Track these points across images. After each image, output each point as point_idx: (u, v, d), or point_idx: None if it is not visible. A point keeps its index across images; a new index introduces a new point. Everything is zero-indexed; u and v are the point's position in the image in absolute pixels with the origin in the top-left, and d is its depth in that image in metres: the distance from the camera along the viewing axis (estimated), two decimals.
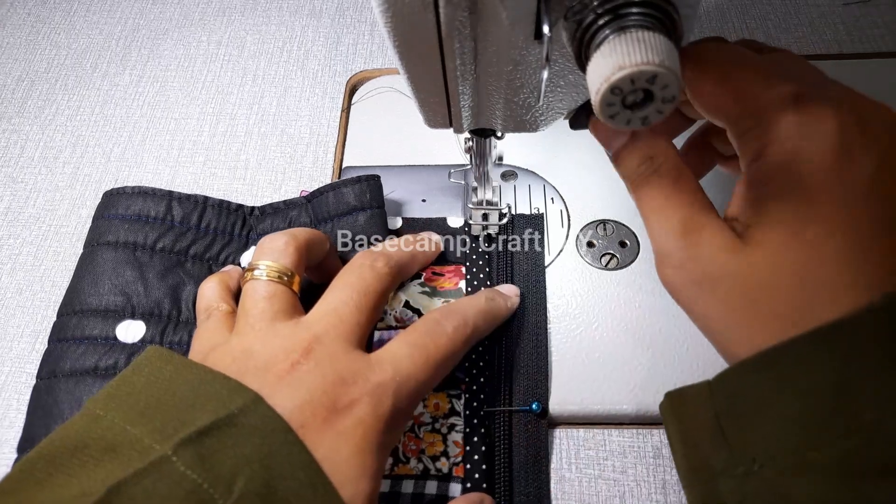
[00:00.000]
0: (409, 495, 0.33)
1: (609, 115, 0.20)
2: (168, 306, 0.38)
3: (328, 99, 0.51)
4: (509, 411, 0.35)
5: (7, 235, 0.46)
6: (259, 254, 0.32)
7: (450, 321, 0.31)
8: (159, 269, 0.39)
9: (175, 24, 0.57)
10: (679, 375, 0.36)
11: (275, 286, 0.31)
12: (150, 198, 0.41)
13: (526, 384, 0.36)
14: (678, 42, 0.20)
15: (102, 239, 0.40)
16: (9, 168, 0.49)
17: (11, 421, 0.38)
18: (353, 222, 0.40)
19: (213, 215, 0.41)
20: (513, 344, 0.37)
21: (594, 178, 0.43)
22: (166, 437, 0.23)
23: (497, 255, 0.40)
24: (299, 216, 0.41)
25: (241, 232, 0.42)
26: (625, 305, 0.38)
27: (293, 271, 0.32)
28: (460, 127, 0.32)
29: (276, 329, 0.29)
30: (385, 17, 0.23)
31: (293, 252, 0.32)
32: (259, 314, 0.30)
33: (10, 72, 0.55)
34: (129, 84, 0.53)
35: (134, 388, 0.25)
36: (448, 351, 0.30)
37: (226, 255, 0.41)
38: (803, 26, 0.52)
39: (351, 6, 0.57)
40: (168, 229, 0.40)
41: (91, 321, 0.37)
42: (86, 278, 0.39)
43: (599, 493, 0.34)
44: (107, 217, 0.41)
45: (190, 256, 0.40)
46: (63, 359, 0.36)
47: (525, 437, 0.35)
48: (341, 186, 0.40)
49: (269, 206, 0.42)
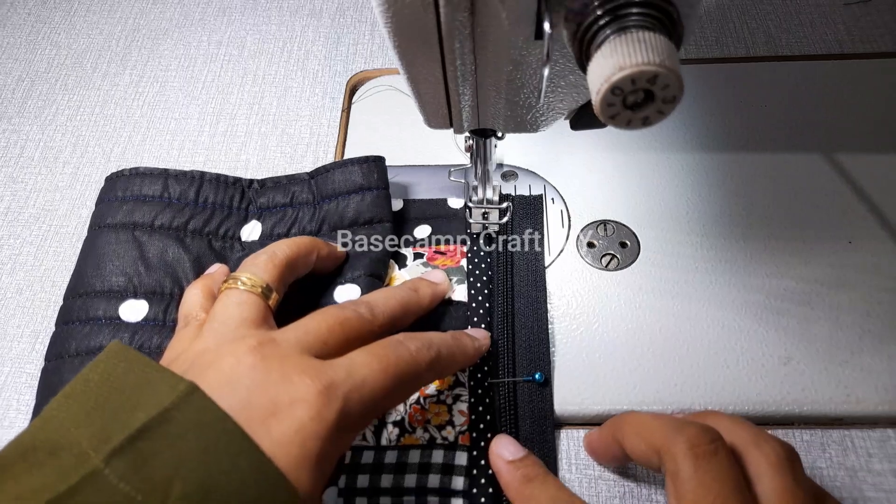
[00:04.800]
0: (416, 465, 0.33)
1: (610, 116, 0.20)
2: (169, 285, 0.38)
3: (328, 99, 0.51)
4: (513, 382, 0.35)
5: (7, 235, 0.46)
6: (240, 269, 0.33)
7: (412, 342, 0.30)
8: (159, 248, 0.39)
9: (175, 24, 0.57)
10: (679, 375, 0.36)
11: (248, 295, 0.31)
12: (146, 178, 0.41)
13: (529, 357, 0.36)
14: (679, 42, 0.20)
15: (103, 222, 0.40)
16: (9, 168, 0.49)
17: (11, 421, 0.38)
18: (359, 202, 0.40)
19: (211, 189, 0.41)
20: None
21: (595, 178, 0.43)
22: (103, 442, 0.22)
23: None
24: (301, 192, 0.41)
25: (239, 205, 0.42)
26: (625, 306, 0.38)
27: (271, 287, 0.32)
28: (460, 127, 0.32)
29: (237, 331, 0.29)
30: (385, 17, 0.23)
31: (272, 269, 0.32)
32: (226, 318, 0.29)
33: (10, 72, 0.54)
34: (129, 84, 0.53)
35: (88, 385, 0.25)
36: (408, 366, 0.28)
37: (225, 228, 0.41)
38: (804, 26, 0.52)
39: (351, 6, 0.57)
40: (165, 206, 0.40)
41: (95, 303, 0.38)
42: (88, 262, 0.39)
43: (600, 494, 0.34)
44: (107, 200, 0.41)
45: (189, 232, 0.40)
46: (69, 340, 0.37)
47: (530, 407, 0.35)
48: (347, 165, 0.40)
49: (270, 179, 0.42)
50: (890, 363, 0.35)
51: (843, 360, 0.36)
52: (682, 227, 0.41)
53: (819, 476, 0.33)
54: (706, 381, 0.35)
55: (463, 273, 0.39)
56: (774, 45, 0.51)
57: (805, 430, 0.35)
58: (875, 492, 0.33)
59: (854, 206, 0.41)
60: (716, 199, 0.42)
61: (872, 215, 0.41)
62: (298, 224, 0.41)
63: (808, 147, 0.44)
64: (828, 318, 0.37)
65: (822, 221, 0.41)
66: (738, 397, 0.35)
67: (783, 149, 0.44)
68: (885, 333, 0.36)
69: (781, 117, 0.45)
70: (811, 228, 0.40)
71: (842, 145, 0.44)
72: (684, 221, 0.41)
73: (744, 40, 0.51)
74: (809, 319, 0.37)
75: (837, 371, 0.35)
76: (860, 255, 0.39)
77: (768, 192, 0.42)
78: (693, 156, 0.44)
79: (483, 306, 0.37)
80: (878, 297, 0.37)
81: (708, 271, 0.39)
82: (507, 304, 0.38)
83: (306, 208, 0.41)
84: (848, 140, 0.44)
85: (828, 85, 0.47)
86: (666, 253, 0.40)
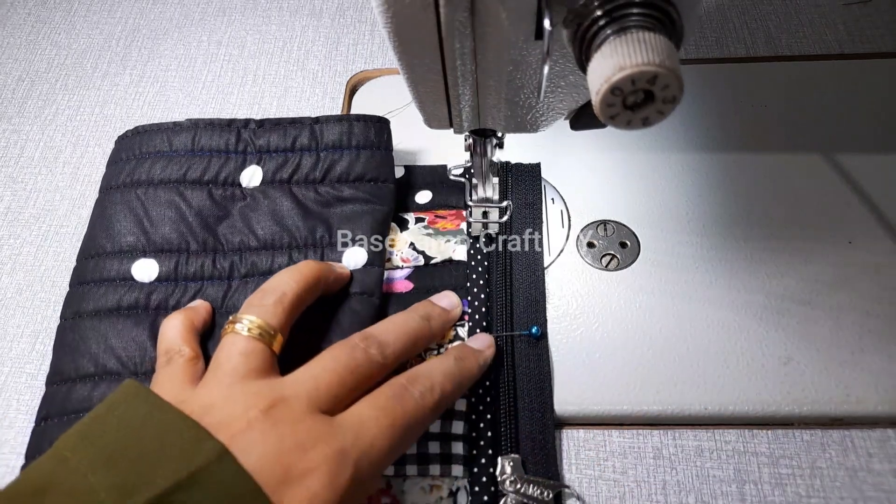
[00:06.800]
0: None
1: (609, 116, 0.20)
2: (176, 239, 0.39)
3: (328, 99, 0.51)
4: (510, 336, 0.37)
5: (7, 235, 0.46)
6: (246, 307, 0.32)
7: (416, 386, 0.29)
8: (162, 203, 0.39)
9: (175, 24, 0.57)
10: (679, 375, 0.36)
11: (254, 343, 0.30)
12: (144, 135, 0.42)
13: (526, 312, 0.38)
14: (678, 42, 0.20)
15: (109, 184, 0.41)
16: (9, 168, 0.49)
17: (11, 421, 0.38)
18: (368, 157, 0.40)
19: (205, 135, 0.41)
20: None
21: (595, 178, 0.43)
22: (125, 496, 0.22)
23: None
24: (302, 136, 0.41)
25: (236, 148, 0.41)
26: (625, 306, 0.38)
27: (276, 330, 0.31)
28: (460, 127, 0.32)
29: (244, 386, 0.28)
30: (385, 17, 0.23)
31: (280, 313, 0.31)
32: (231, 370, 0.28)
33: (10, 72, 0.54)
34: (129, 84, 0.53)
35: (105, 428, 0.24)
36: (415, 416, 0.28)
37: (224, 174, 0.41)
38: (804, 26, 0.52)
39: (351, 6, 0.57)
40: (164, 160, 0.41)
41: (108, 263, 0.38)
42: (98, 224, 0.40)
43: (600, 494, 0.34)
44: (113, 163, 0.42)
45: (188, 183, 0.40)
46: (85, 300, 0.37)
47: (527, 362, 0.36)
48: (356, 119, 0.41)
49: (269, 120, 0.42)
50: (890, 363, 0.35)
51: (843, 360, 0.36)
52: (682, 227, 0.41)
53: (819, 476, 0.33)
54: (706, 381, 0.35)
55: (463, 234, 0.40)
56: (774, 46, 0.51)
57: (805, 430, 0.35)
58: (875, 492, 0.33)
59: (854, 206, 0.41)
60: (716, 199, 0.42)
61: (872, 215, 0.41)
62: (301, 171, 0.40)
63: (808, 147, 0.44)
64: (828, 318, 0.37)
65: (822, 221, 0.41)
66: (738, 397, 0.35)
67: (783, 149, 0.44)
68: (885, 333, 0.36)
69: (781, 117, 0.45)
70: (811, 228, 0.40)
71: (842, 145, 0.44)
72: (684, 221, 0.41)
73: (744, 40, 0.51)
74: (809, 319, 0.37)
75: (837, 371, 0.35)
76: (860, 255, 0.39)
77: (768, 192, 0.42)
78: (693, 156, 0.44)
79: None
80: (879, 297, 0.37)
81: (708, 271, 0.39)
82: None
83: (308, 155, 0.41)
84: (848, 140, 0.44)
85: (828, 85, 0.47)
86: (666, 253, 0.40)
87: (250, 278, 0.38)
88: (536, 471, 0.33)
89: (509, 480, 0.33)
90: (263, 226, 0.39)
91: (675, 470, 0.34)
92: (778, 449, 0.34)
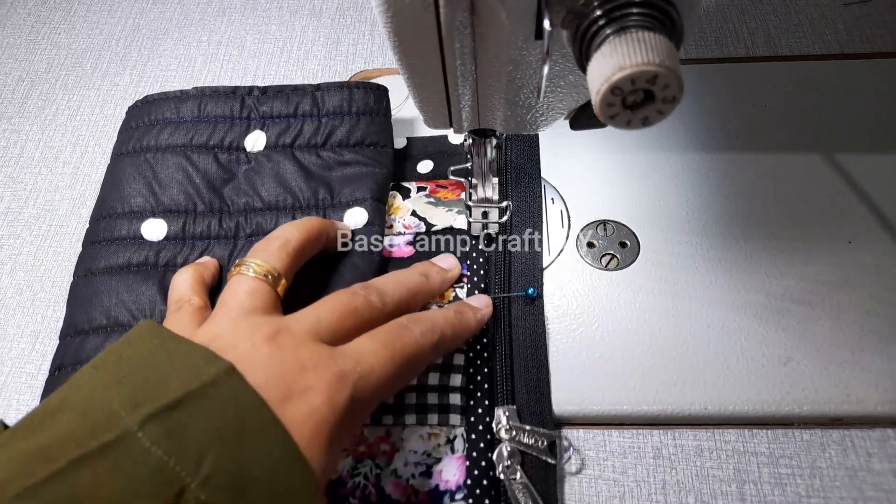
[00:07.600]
0: (413, 385, 0.34)
1: (609, 116, 0.20)
2: (183, 201, 0.40)
3: None
4: (507, 297, 0.38)
5: (7, 235, 0.46)
6: (252, 252, 0.33)
7: (417, 326, 0.31)
8: (170, 166, 0.41)
9: (175, 24, 0.57)
10: (679, 375, 0.36)
11: (259, 283, 0.31)
12: (153, 104, 0.43)
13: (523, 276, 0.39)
14: (679, 42, 0.20)
15: (119, 150, 0.43)
16: (9, 168, 0.49)
17: (11, 421, 0.38)
18: (368, 122, 0.41)
19: (211, 103, 0.43)
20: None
21: (594, 178, 0.43)
22: (135, 406, 0.22)
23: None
24: (304, 103, 0.42)
25: (240, 114, 0.43)
26: (625, 306, 0.38)
27: (280, 273, 0.32)
28: (460, 127, 0.32)
29: (249, 319, 0.29)
30: (385, 17, 0.23)
31: (284, 257, 0.33)
32: (237, 306, 0.30)
33: (10, 72, 0.54)
34: (129, 84, 0.53)
35: (119, 358, 0.25)
36: (414, 351, 0.30)
37: (230, 140, 0.42)
38: (803, 26, 0.52)
39: (351, 6, 0.57)
40: (169, 125, 0.42)
41: (118, 223, 0.40)
42: (109, 187, 0.42)
43: (600, 494, 0.34)
44: (123, 130, 0.44)
45: (195, 147, 0.41)
46: (97, 258, 0.39)
47: (523, 321, 0.37)
48: (355, 86, 0.42)
49: (272, 87, 0.43)
50: (890, 363, 0.35)
51: (843, 360, 0.36)
52: (682, 227, 0.41)
53: (819, 476, 0.33)
54: (706, 381, 0.35)
55: (462, 205, 0.41)
56: (774, 45, 0.51)
57: (805, 430, 0.35)
58: (875, 491, 0.33)
59: (854, 206, 0.41)
60: (716, 199, 0.42)
61: (872, 215, 0.41)
62: (303, 136, 0.42)
63: (808, 147, 0.44)
64: (828, 318, 0.37)
65: (822, 221, 0.41)
66: (738, 397, 0.35)
67: (783, 149, 0.44)
68: (885, 333, 0.36)
69: (781, 117, 0.45)
70: (811, 228, 0.40)
71: (842, 145, 0.44)
72: (684, 221, 0.41)
73: (744, 40, 0.51)
74: (809, 319, 0.37)
75: (837, 371, 0.35)
76: (860, 255, 0.39)
77: (768, 192, 0.42)
78: (693, 156, 0.44)
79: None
80: (879, 297, 0.37)
81: (708, 271, 0.39)
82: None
83: (310, 121, 0.42)
84: (848, 140, 0.44)
85: (828, 85, 0.47)
86: (666, 253, 0.40)
87: (255, 237, 0.39)
88: (532, 422, 0.34)
89: (505, 429, 0.34)
90: (268, 188, 0.40)
91: (674, 470, 0.34)
92: (778, 449, 0.34)
